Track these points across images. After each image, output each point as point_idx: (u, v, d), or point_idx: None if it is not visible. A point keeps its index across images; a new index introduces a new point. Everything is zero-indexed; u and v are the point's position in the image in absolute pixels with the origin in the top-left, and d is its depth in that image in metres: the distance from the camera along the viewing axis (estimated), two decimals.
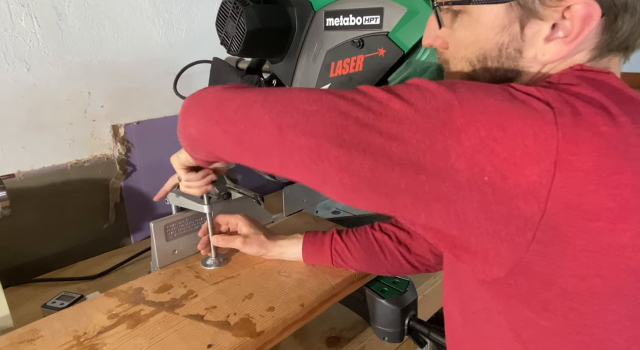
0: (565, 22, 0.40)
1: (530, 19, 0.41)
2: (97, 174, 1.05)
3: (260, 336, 0.63)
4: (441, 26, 0.47)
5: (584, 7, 0.38)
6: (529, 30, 0.42)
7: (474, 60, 0.46)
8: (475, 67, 0.46)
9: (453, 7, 0.45)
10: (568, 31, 0.40)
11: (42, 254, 0.99)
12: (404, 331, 0.81)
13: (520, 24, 0.42)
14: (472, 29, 0.44)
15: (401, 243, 0.76)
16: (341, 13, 0.69)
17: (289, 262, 0.82)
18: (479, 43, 0.44)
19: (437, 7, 0.46)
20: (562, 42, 0.41)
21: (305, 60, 0.76)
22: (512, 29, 0.42)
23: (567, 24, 0.40)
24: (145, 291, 0.74)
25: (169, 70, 1.12)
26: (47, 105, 0.97)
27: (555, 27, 0.40)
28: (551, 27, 0.41)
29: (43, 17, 0.93)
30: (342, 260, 0.78)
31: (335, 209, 1.14)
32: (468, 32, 0.45)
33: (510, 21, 0.42)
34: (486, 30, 0.43)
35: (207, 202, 0.79)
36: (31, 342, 0.62)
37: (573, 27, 0.39)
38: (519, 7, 0.41)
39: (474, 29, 0.44)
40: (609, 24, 0.40)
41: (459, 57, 0.47)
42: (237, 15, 0.74)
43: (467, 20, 0.45)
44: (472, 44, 0.45)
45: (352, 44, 0.68)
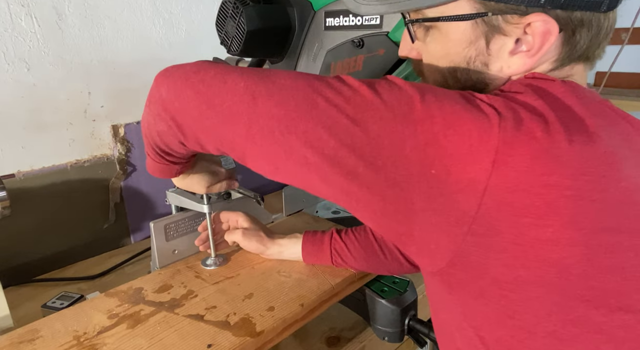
0: (528, 37, 0.43)
1: (495, 34, 0.44)
2: (97, 174, 1.05)
3: (260, 336, 0.63)
4: (414, 40, 0.50)
5: (543, 24, 0.41)
6: (494, 45, 0.44)
7: (445, 72, 0.49)
8: (446, 78, 0.49)
9: (424, 23, 0.47)
10: (530, 45, 0.43)
11: (42, 254, 0.99)
12: (404, 331, 0.81)
13: (486, 39, 0.44)
14: (442, 43, 0.47)
15: None
16: (341, 13, 0.69)
17: (288, 262, 0.82)
18: (449, 56, 0.47)
19: (408, 24, 0.49)
20: (526, 56, 0.44)
21: (305, 60, 0.76)
22: (479, 44, 0.45)
23: (529, 38, 0.43)
24: (145, 291, 0.74)
25: None
26: (47, 105, 0.97)
27: (519, 41, 0.44)
28: (515, 42, 0.44)
29: (43, 17, 0.93)
30: (342, 260, 0.78)
31: (335, 209, 1.14)
32: (439, 46, 0.48)
33: (476, 37, 0.45)
34: (455, 45, 0.46)
35: (207, 202, 0.79)
36: (31, 342, 0.62)
37: (534, 42, 0.42)
38: (484, 24, 0.44)
39: (444, 43, 0.47)
40: (568, 38, 0.43)
41: (432, 69, 0.50)
42: (237, 15, 0.74)
43: (437, 35, 0.47)
44: (442, 57, 0.48)
45: (352, 44, 0.68)
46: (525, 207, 0.36)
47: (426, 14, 0.46)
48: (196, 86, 0.48)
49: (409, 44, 0.51)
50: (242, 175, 1.25)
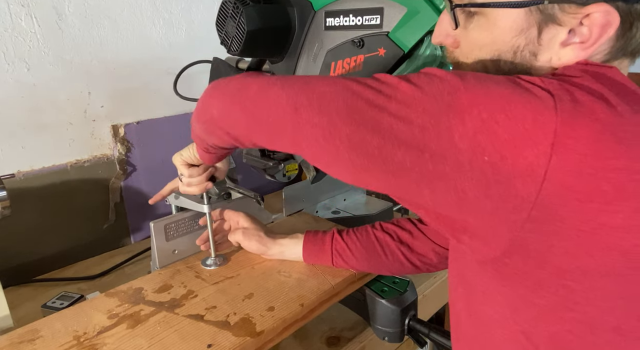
0: (583, 28, 0.40)
1: (549, 24, 0.42)
2: (97, 174, 1.05)
3: (260, 336, 0.63)
4: (457, 26, 0.47)
5: (604, 15, 0.39)
6: (546, 34, 0.42)
7: (487, 61, 0.46)
8: (487, 68, 0.47)
9: (470, 8, 0.45)
10: (585, 37, 0.41)
11: (42, 254, 0.99)
12: (404, 331, 0.81)
13: (538, 29, 0.42)
14: (489, 31, 0.45)
15: (403, 242, 0.76)
16: (341, 13, 0.69)
17: (289, 262, 0.82)
18: (495, 45, 0.45)
19: (454, 8, 0.46)
20: (579, 48, 0.41)
21: (305, 60, 0.76)
22: (530, 33, 0.43)
23: (584, 30, 0.40)
24: (145, 291, 0.74)
25: (169, 70, 1.12)
26: (47, 105, 0.97)
27: (572, 32, 0.41)
28: (568, 32, 0.41)
29: (43, 17, 0.93)
30: (343, 260, 0.78)
31: (336, 209, 1.14)
32: (484, 33, 0.45)
33: (528, 25, 0.42)
34: (503, 33, 0.44)
35: (207, 201, 0.79)
36: (31, 342, 0.62)
37: (591, 34, 0.40)
38: (539, 12, 0.41)
39: (490, 31, 0.45)
40: (625, 31, 0.41)
41: (471, 57, 0.48)
42: (237, 15, 0.74)
43: (483, 22, 0.45)
44: (486, 45, 0.45)
45: (352, 44, 0.68)
46: (590, 191, 0.35)
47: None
48: (243, 103, 0.51)
49: (446, 30, 0.49)
50: (242, 175, 1.25)
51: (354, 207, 1.16)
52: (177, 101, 1.01)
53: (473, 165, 0.37)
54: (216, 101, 0.56)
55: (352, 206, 1.17)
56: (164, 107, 1.15)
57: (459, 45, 0.49)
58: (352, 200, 1.20)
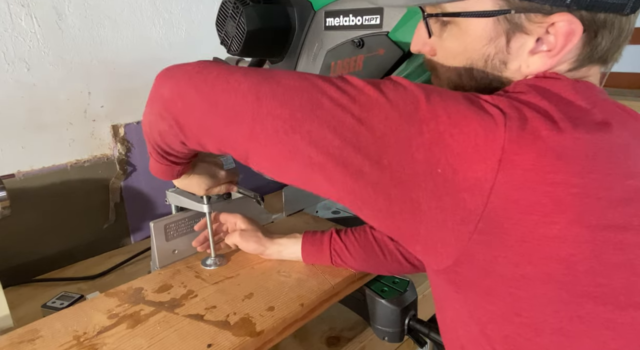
0: (549, 36, 0.42)
1: (516, 32, 0.43)
2: (97, 174, 1.05)
3: (260, 336, 0.63)
4: (430, 35, 0.49)
5: (567, 24, 0.41)
6: (515, 43, 0.44)
7: (460, 69, 0.48)
8: (461, 76, 0.48)
9: (442, 18, 0.46)
10: (552, 45, 0.42)
11: (42, 254, 0.99)
12: (404, 331, 0.81)
13: (507, 37, 0.44)
14: (460, 39, 0.46)
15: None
16: (341, 13, 0.69)
17: (288, 262, 0.82)
18: (466, 53, 0.47)
19: (427, 17, 0.48)
20: (546, 56, 0.43)
21: (305, 60, 0.76)
22: (499, 42, 0.44)
23: (551, 38, 0.42)
24: (145, 291, 0.74)
25: None
26: (47, 105, 0.97)
27: (540, 41, 0.43)
28: (536, 41, 0.43)
29: (43, 17, 0.93)
30: (342, 260, 0.78)
31: (335, 209, 1.14)
32: (456, 42, 0.47)
33: (497, 34, 0.44)
34: (474, 42, 0.45)
35: (206, 201, 0.79)
36: (31, 342, 0.62)
37: (557, 42, 0.42)
38: (506, 22, 0.43)
39: (462, 39, 0.46)
40: (590, 39, 0.43)
41: (446, 66, 0.49)
42: (237, 15, 0.74)
43: (455, 31, 0.46)
44: (459, 53, 0.47)
45: (352, 44, 0.68)
46: (531, 204, 0.37)
47: (446, 9, 0.45)
48: (199, 86, 0.48)
49: (423, 39, 0.50)
50: (242, 175, 1.25)
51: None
52: None
53: (427, 176, 0.38)
54: (170, 80, 0.51)
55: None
56: None
57: (435, 53, 0.50)
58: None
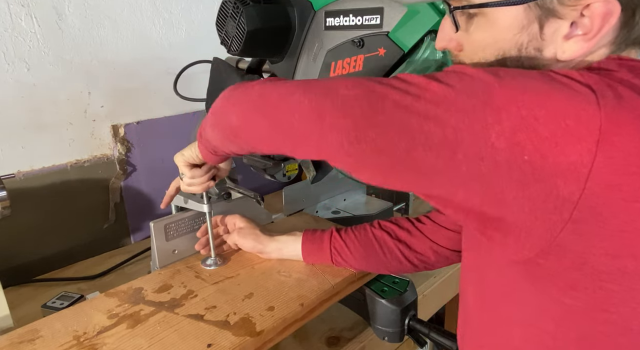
0: (584, 19, 0.40)
1: (549, 18, 0.41)
2: (97, 174, 1.05)
3: (260, 336, 0.63)
4: (458, 29, 0.47)
5: (603, 4, 0.38)
6: (548, 29, 0.42)
7: (492, 62, 0.46)
8: None
9: (469, 10, 0.45)
10: (587, 29, 0.40)
11: (42, 254, 0.99)
12: (404, 331, 0.81)
13: (539, 24, 0.42)
14: (490, 30, 0.44)
15: (401, 241, 0.76)
16: (341, 13, 0.69)
17: (288, 261, 0.82)
18: (497, 44, 0.44)
19: (453, 11, 0.46)
20: (582, 40, 0.41)
21: (306, 60, 0.76)
22: (531, 29, 0.42)
23: (586, 21, 0.40)
24: (145, 291, 0.74)
25: (169, 70, 1.12)
26: (47, 105, 0.97)
27: (574, 25, 0.41)
28: (570, 25, 0.41)
29: (43, 17, 0.93)
30: (342, 259, 0.78)
31: (336, 209, 1.14)
32: (485, 34, 0.45)
33: (529, 21, 0.42)
34: (504, 32, 0.43)
35: (207, 201, 0.79)
36: (31, 342, 0.62)
37: (593, 25, 0.40)
38: (537, 8, 0.41)
39: (491, 30, 0.44)
40: (627, 19, 0.40)
41: (476, 59, 0.47)
42: (237, 15, 0.74)
43: (483, 23, 0.44)
44: (489, 45, 0.45)
45: (352, 44, 0.68)
46: (636, 190, 0.34)
47: (472, 0, 0.44)
48: (263, 111, 0.49)
49: (448, 34, 0.48)
50: (242, 175, 1.25)
51: (354, 207, 1.16)
52: (177, 101, 1.01)
53: (512, 165, 0.36)
54: (236, 109, 0.53)
55: (352, 206, 1.17)
56: (164, 107, 1.15)
57: (462, 49, 0.48)
58: (352, 200, 1.20)
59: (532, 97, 0.36)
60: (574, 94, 0.35)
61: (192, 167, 0.72)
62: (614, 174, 0.34)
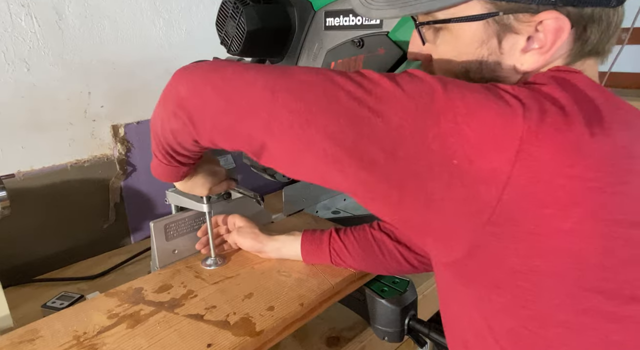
0: (539, 34, 0.43)
1: (507, 33, 0.44)
2: (97, 174, 1.05)
3: (260, 335, 0.63)
4: (424, 43, 0.50)
5: (555, 21, 0.42)
6: (506, 43, 0.45)
7: (457, 73, 0.48)
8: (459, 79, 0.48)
9: (435, 25, 0.48)
10: (542, 43, 0.43)
11: (42, 254, 0.99)
12: (404, 331, 0.81)
13: (498, 38, 0.45)
14: (454, 44, 0.47)
15: (400, 242, 0.76)
16: (341, 13, 0.69)
17: (288, 261, 0.82)
18: (461, 57, 0.47)
19: (419, 26, 0.49)
20: (538, 53, 0.44)
21: (306, 60, 0.76)
22: (491, 44, 0.45)
23: (540, 36, 0.43)
24: (145, 291, 0.74)
25: (169, 70, 1.12)
26: (47, 105, 0.97)
27: (531, 39, 0.44)
28: (527, 39, 0.44)
29: (43, 17, 0.93)
30: (341, 259, 0.78)
31: (336, 209, 1.14)
32: (450, 47, 0.48)
33: (488, 36, 0.45)
34: (466, 46, 0.46)
35: (206, 201, 0.79)
36: (31, 342, 0.62)
37: (546, 39, 0.43)
38: (495, 24, 0.44)
39: (455, 44, 0.47)
40: (579, 34, 0.44)
41: (443, 70, 0.50)
42: (237, 15, 0.74)
43: (448, 37, 0.48)
44: (454, 57, 0.48)
45: (352, 44, 0.68)
46: (547, 198, 0.36)
47: (437, 16, 0.47)
48: (215, 83, 0.49)
49: (419, 45, 0.52)
50: (242, 175, 1.25)
51: (354, 207, 1.16)
52: None
53: (442, 168, 0.38)
54: (186, 79, 0.52)
55: (352, 206, 1.17)
56: None
57: (431, 59, 0.51)
58: (352, 200, 1.20)
59: (468, 105, 0.38)
60: (504, 106, 0.38)
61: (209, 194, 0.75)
62: (529, 182, 0.36)
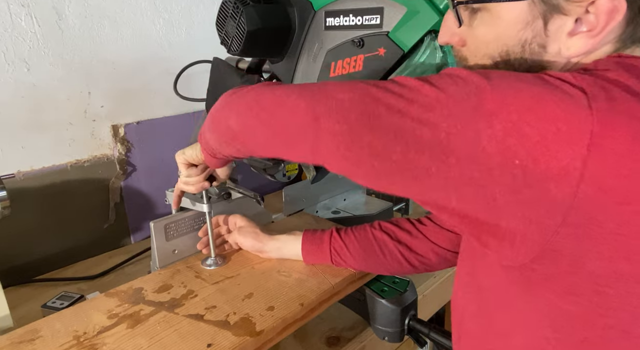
0: (589, 16, 0.39)
1: (554, 14, 0.41)
2: (97, 174, 1.05)
3: (260, 335, 0.63)
4: (461, 24, 0.46)
5: (609, 1, 0.38)
6: (552, 25, 0.41)
7: (496, 57, 0.45)
8: (497, 64, 0.46)
9: (473, 4, 0.44)
10: (592, 25, 0.40)
11: (42, 254, 0.99)
12: (404, 331, 0.81)
13: (544, 20, 0.41)
14: (493, 26, 0.44)
15: (401, 242, 0.75)
16: (341, 13, 0.69)
17: (288, 261, 0.82)
18: (501, 40, 0.44)
19: (456, 5, 0.45)
20: (587, 36, 0.40)
21: (306, 60, 0.76)
22: (535, 25, 0.42)
23: (591, 18, 0.39)
24: (145, 291, 0.74)
25: (169, 70, 1.12)
26: (47, 105, 0.97)
27: (579, 21, 0.40)
28: (574, 22, 0.40)
29: (43, 17, 0.93)
30: (341, 259, 0.78)
31: (336, 208, 1.14)
32: (489, 29, 0.44)
33: (533, 17, 0.42)
34: (508, 27, 0.43)
35: (206, 201, 0.79)
36: (31, 342, 0.62)
37: (598, 21, 0.39)
38: (542, 3, 0.41)
39: (495, 26, 0.44)
40: (633, 16, 0.40)
41: (479, 55, 0.47)
42: (237, 15, 0.74)
43: (487, 18, 0.44)
44: (493, 41, 0.45)
45: (352, 44, 0.68)
46: (628, 193, 0.34)
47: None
48: (260, 115, 0.50)
49: (451, 29, 0.48)
50: (242, 175, 1.25)
51: (354, 207, 1.16)
52: (177, 101, 1.01)
53: (503, 170, 0.35)
54: (233, 113, 0.54)
55: (352, 206, 1.17)
56: (164, 107, 1.15)
57: (465, 44, 0.48)
58: (352, 200, 1.20)
59: (522, 101, 0.35)
60: (565, 97, 0.35)
61: (189, 166, 0.73)
62: (606, 177, 0.34)
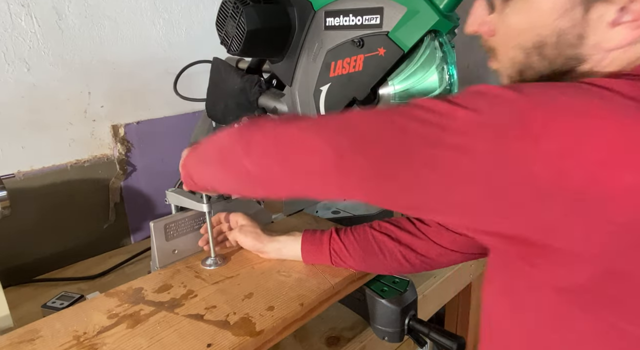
0: (636, 4, 0.36)
1: (596, 2, 0.38)
2: (97, 174, 1.05)
3: (259, 335, 0.63)
4: (492, 11, 0.44)
5: None
6: (593, 14, 0.38)
7: (529, 48, 0.42)
8: (529, 55, 0.43)
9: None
10: (638, 15, 0.37)
11: (42, 254, 0.99)
12: (404, 331, 0.80)
13: (584, 8, 0.38)
14: (528, 14, 0.41)
15: (402, 243, 0.75)
16: (341, 13, 0.69)
17: (288, 261, 0.82)
18: (535, 30, 0.41)
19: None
20: (630, 27, 0.37)
21: (306, 59, 0.76)
22: (574, 14, 0.39)
23: (637, 6, 0.36)
24: (145, 291, 0.74)
25: (169, 70, 1.12)
26: (47, 105, 0.97)
27: (624, 10, 0.37)
28: (619, 10, 0.37)
29: (43, 17, 0.93)
30: (341, 260, 0.78)
31: (336, 209, 1.14)
32: (522, 17, 0.42)
33: (572, 4, 0.38)
34: (544, 15, 0.40)
35: (206, 201, 0.79)
36: (31, 342, 0.62)
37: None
38: None
39: (529, 14, 0.41)
40: None
41: (510, 45, 0.44)
42: (237, 15, 0.74)
43: (521, 5, 0.42)
44: (526, 30, 0.42)
45: (352, 44, 0.68)
46: None
47: None
48: (279, 159, 0.47)
49: (480, 17, 0.45)
50: None
51: (353, 207, 1.16)
52: (177, 101, 1.01)
53: (555, 192, 0.33)
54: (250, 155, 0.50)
55: (352, 206, 1.17)
56: (164, 107, 1.15)
57: (494, 33, 0.45)
58: (352, 200, 1.20)
59: (570, 118, 0.32)
60: (617, 110, 0.32)
61: None
62: None
